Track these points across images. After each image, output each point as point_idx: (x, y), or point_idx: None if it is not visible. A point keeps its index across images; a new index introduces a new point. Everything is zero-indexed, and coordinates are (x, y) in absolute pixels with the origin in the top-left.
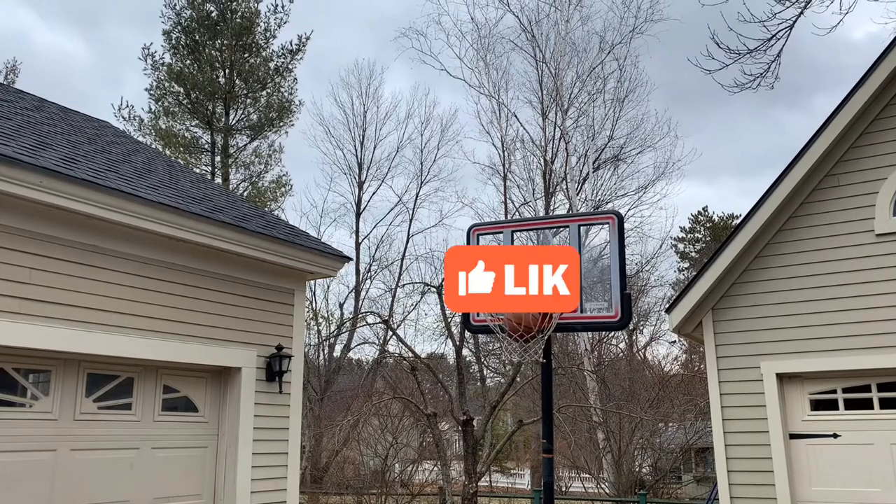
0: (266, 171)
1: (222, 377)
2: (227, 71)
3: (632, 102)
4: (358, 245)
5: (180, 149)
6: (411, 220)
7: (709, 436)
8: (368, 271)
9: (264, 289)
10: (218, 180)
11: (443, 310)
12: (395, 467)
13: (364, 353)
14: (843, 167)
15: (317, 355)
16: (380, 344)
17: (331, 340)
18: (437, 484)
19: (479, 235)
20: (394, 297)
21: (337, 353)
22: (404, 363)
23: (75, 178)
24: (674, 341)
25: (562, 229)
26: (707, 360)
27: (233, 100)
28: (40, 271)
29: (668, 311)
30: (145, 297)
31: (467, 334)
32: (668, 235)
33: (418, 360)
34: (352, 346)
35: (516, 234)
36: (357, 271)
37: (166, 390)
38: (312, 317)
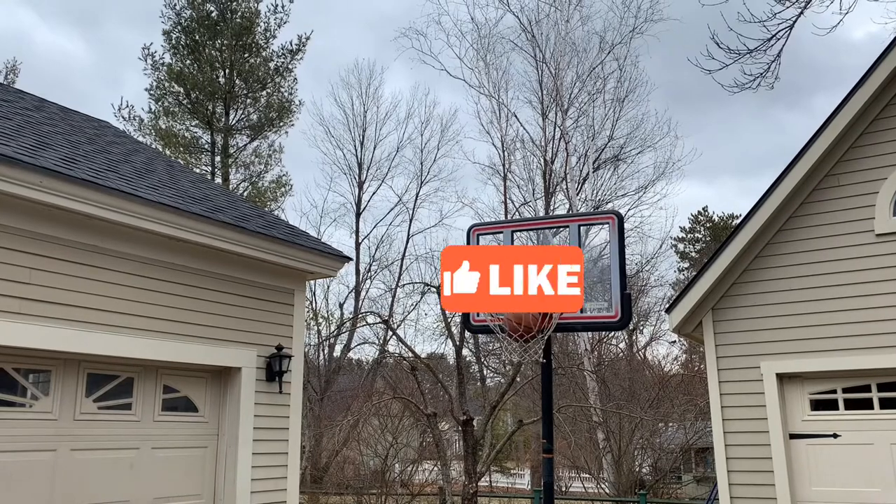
0: (266, 171)
1: (222, 377)
2: (227, 71)
3: (632, 102)
4: (358, 245)
5: (180, 149)
6: (411, 220)
7: (709, 436)
8: (368, 271)
9: (264, 289)
10: (218, 180)
11: (443, 310)
12: (395, 467)
13: (364, 353)
14: (843, 167)
15: (317, 355)
16: (380, 344)
17: (331, 340)
18: (437, 484)
19: (479, 235)
20: (394, 297)
21: (337, 353)
22: (404, 363)
23: (75, 178)
24: (674, 341)
25: (562, 229)
26: (707, 360)
27: (233, 100)
28: (40, 271)
29: (668, 311)
30: (145, 297)
31: (467, 334)
32: (668, 235)
33: (418, 360)
34: (352, 346)
35: (516, 234)
36: (357, 271)
37: (166, 390)
38: (312, 317)
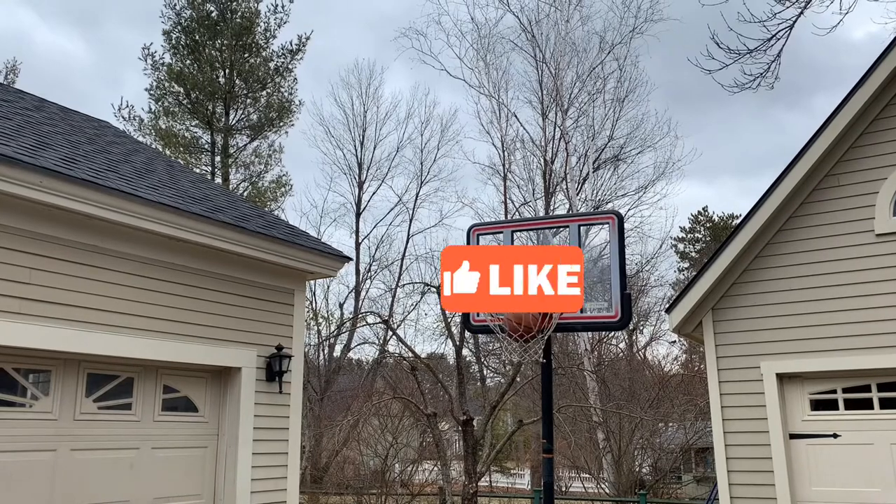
0: (266, 171)
1: (222, 377)
2: (227, 71)
3: (632, 102)
4: (358, 245)
5: (180, 149)
6: (411, 220)
7: (709, 436)
8: (368, 271)
9: (264, 289)
10: (218, 180)
11: (443, 310)
12: (395, 467)
13: (364, 353)
14: (843, 167)
15: (317, 355)
16: (380, 344)
17: (331, 340)
18: (437, 484)
19: (479, 235)
20: (394, 297)
21: (337, 353)
22: (404, 363)
23: (75, 178)
24: (674, 341)
25: (562, 229)
26: (707, 360)
27: (233, 100)
28: (40, 271)
29: (668, 311)
30: (145, 297)
31: (467, 334)
32: (668, 235)
33: (418, 360)
34: (352, 346)
35: (516, 234)
36: (357, 271)
37: (166, 390)
38: (312, 317)
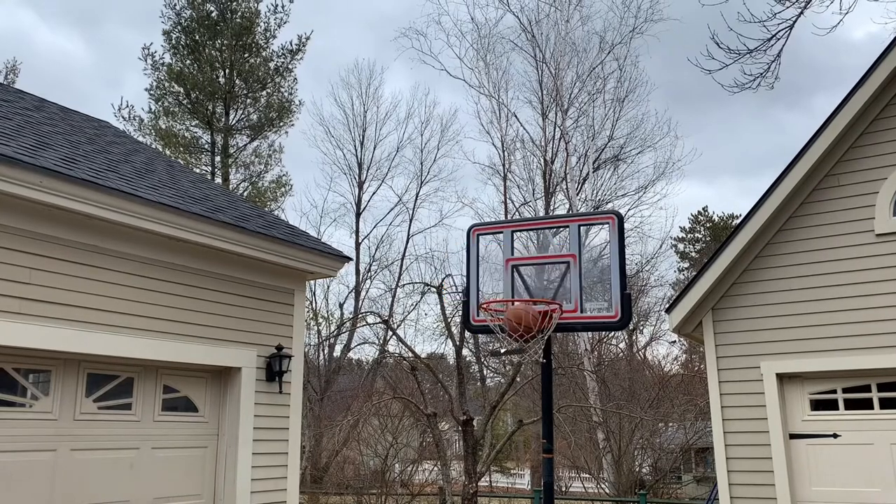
0: (266, 171)
1: (222, 377)
2: (227, 71)
3: (632, 102)
4: (358, 245)
5: (180, 149)
6: (411, 220)
7: (709, 436)
8: (368, 271)
9: (264, 289)
10: (218, 180)
11: (443, 310)
12: (395, 467)
13: (364, 353)
14: (843, 167)
15: (317, 355)
16: (380, 344)
17: (331, 340)
18: (437, 484)
19: (479, 235)
20: (394, 297)
21: (337, 353)
22: (404, 363)
23: (75, 178)
24: (674, 341)
25: (562, 229)
26: (707, 360)
27: (233, 100)
28: (40, 271)
29: (668, 311)
30: (145, 297)
31: (467, 334)
32: (668, 235)
33: (418, 360)
34: (352, 346)
35: (516, 234)
36: (357, 271)
37: (166, 390)
38: (312, 317)
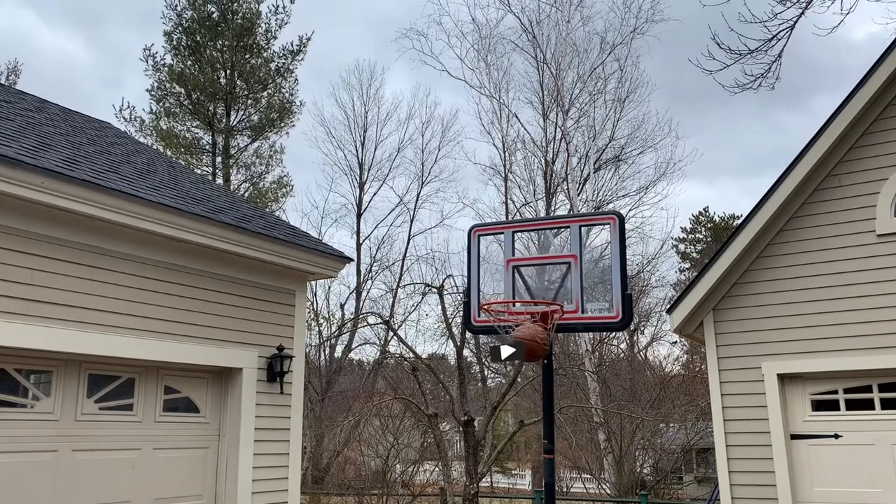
0: (267, 172)
1: (223, 378)
2: (228, 72)
3: (633, 103)
4: (359, 246)
5: (181, 150)
6: (412, 221)
7: (710, 436)
8: (369, 272)
9: (265, 289)
10: (219, 181)
11: (444, 310)
12: (397, 468)
13: (365, 354)
14: (844, 167)
15: (318, 356)
16: (381, 344)
17: (332, 341)
18: (439, 484)
19: (480, 236)
20: (395, 297)
21: (338, 353)
22: (405, 364)
23: (76, 179)
24: (675, 342)
25: (563, 230)
26: (708, 361)
27: (234, 101)
28: (41, 272)
29: (670, 311)
30: (146, 297)
31: (468, 335)
32: (669, 236)
33: (419, 360)
34: (353, 347)
35: (517, 234)
36: (358, 272)
37: (167, 391)
38: (313, 317)
